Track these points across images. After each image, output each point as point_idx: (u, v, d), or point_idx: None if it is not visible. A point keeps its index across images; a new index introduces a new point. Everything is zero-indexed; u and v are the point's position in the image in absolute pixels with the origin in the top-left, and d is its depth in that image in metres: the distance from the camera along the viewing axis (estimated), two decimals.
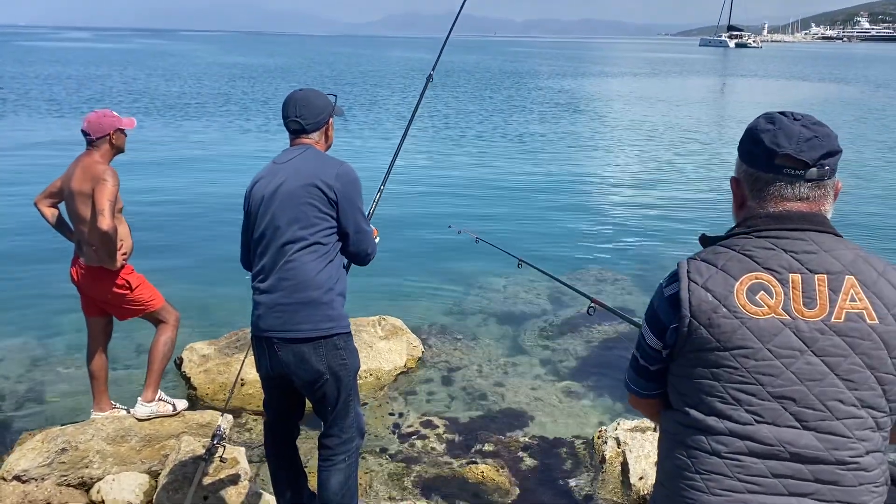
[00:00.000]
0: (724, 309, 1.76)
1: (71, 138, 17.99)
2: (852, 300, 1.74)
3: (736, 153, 1.98)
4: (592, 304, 3.93)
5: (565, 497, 4.69)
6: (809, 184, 1.82)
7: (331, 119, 3.31)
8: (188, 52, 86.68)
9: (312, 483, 3.62)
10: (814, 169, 1.80)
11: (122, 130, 4.57)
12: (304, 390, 3.18)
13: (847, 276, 1.76)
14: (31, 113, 23.48)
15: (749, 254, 1.80)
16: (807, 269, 1.76)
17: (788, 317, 1.74)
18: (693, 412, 1.83)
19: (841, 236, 1.83)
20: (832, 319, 1.73)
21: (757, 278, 1.77)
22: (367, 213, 3.43)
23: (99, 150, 4.49)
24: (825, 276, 1.76)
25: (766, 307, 1.75)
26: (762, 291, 1.76)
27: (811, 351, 1.73)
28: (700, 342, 1.79)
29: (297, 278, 3.03)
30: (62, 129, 20.01)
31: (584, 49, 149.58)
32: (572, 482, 4.83)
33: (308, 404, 3.33)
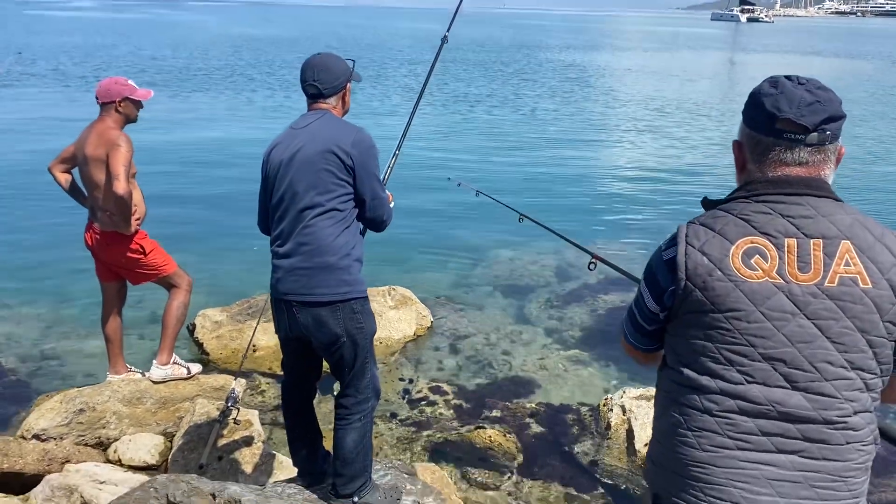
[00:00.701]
0: (719, 272, 1.80)
1: (77, 109, 18.08)
2: (846, 264, 1.76)
3: (737, 125, 1.99)
4: (593, 260, 3.98)
5: (571, 462, 4.78)
6: (809, 148, 1.82)
7: (348, 84, 3.31)
8: (194, 22, 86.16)
9: (326, 444, 3.72)
10: (814, 134, 1.80)
11: (131, 100, 4.57)
12: (322, 352, 3.25)
13: (843, 241, 1.78)
14: (37, 83, 23.46)
15: (746, 218, 1.83)
16: (803, 233, 1.78)
17: (782, 280, 1.77)
18: (687, 371, 1.88)
19: (841, 201, 1.84)
20: (825, 283, 1.76)
21: (753, 242, 1.80)
22: (382, 179, 3.47)
23: (109, 116, 4.52)
24: (821, 240, 1.78)
25: (761, 271, 1.78)
26: (757, 255, 1.79)
27: (803, 314, 1.77)
28: (695, 304, 1.83)
29: (315, 243, 3.07)
30: (68, 99, 20.02)
31: (593, 22, 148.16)
32: (578, 448, 4.92)
33: (325, 366, 3.40)
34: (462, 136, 16.21)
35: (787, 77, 1.86)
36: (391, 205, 3.43)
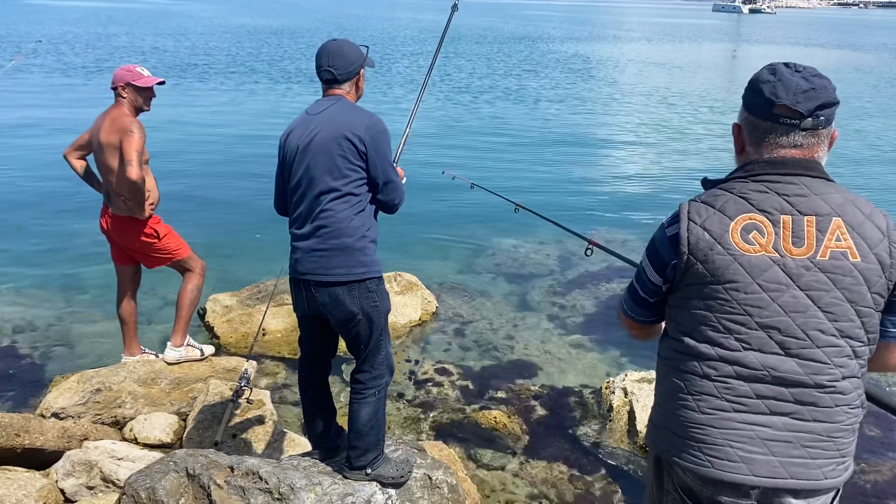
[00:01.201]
0: (720, 246, 1.94)
1: (79, 96, 18.12)
2: (837, 240, 1.91)
3: (735, 114, 2.12)
4: (590, 246, 4.09)
5: (574, 443, 4.91)
6: (804, 132, 1.96)
7: (362, 70, 3.40)
8: (195, 12, 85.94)
9: (340, 421, 3.83)
10: (809, 119, 1.93)
11: (133, 86, 4.62)
12: (338, 329, 3.36)
13: (834, 218, 1.92)
14: (42, 71, 23.52)
15: (745, 196, 1.96)
16: (797, 210, 1.93)
17: (777, 254, 1.91)
18: (688, 340, 2.02)
19: (833, 181, 1.98)
20: (818, 257, 1.91)
21: (751, 219, 1.94)
22: (394, 158, 3.58)
23: (120, 101, 4.62)
24: (814, 217, 1.92)
25: (758, 245, 1.92)
26: (755, 231, 1.93)
27: (797, 285, 1.91)
28: (696, 276, 1.97)
29: (332, 226, 3.18)
30: (71, 87, 20.08)
31: (596, 13, 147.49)
32: (581, 429, 5.05)
33: (342, 344, 3.52)
34: (459, 129, 16.28)
35: (786, 65, 1.99)
36: (403, 180, 3.55)
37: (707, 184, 2.10)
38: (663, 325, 2.22)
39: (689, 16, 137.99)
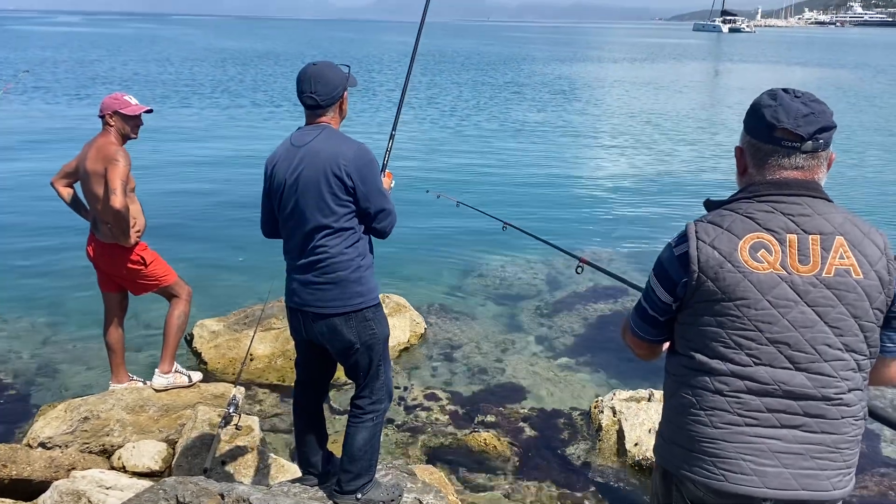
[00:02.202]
0: (729, 264, 2.00)
1: (63, 123, 18.09)
2: (841, 257, 1.98)
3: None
4: (580, 263, 4.11)
5: (564, 464, 4.91)
6: (805, 155, 2.03)
7: (345, 92, 3.31)
8: (179, 36, 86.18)
9: (330, 446, 3.82)
10: (809, 142, 2.01)
11: (121, 115, 4.64)
12: (337, 357, 3.37)
13: (837, 237, 1.99)
14: (25, 98, 23.48)
15: (751, 216, 2.03)
16: (802, 229, 2.00)
17: (785, 272, 1.98)
18: (698, 356, 2.07)
19: (832, 201, 2.06)
20: (823, 274, 1.98)
21: (758, 238, 2.01)
22: (382, 163, 3.60)
23: (108, 130, 4.64)
24: (818, 236, 1.99)
25: (766, 263, 1.99)
26: (763, 249, 2.00)
27: (804, 302, 1.98)
28: (707, 294, 2.03)
29: (327, 261, 3.18)
30: (52, 114, 20.06)
31: (579, 34, 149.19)
32: (570, 450, 5.05)
33: (339, 368, 3.51)
34: (445, 151, 16.39)
35: (785, 90, 2.08)
36: (392, 183, 3.57)
37: (710, 205, 2.17)
38: (667, 343, 2.27)
39: (671, 35, 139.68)
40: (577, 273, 4.20)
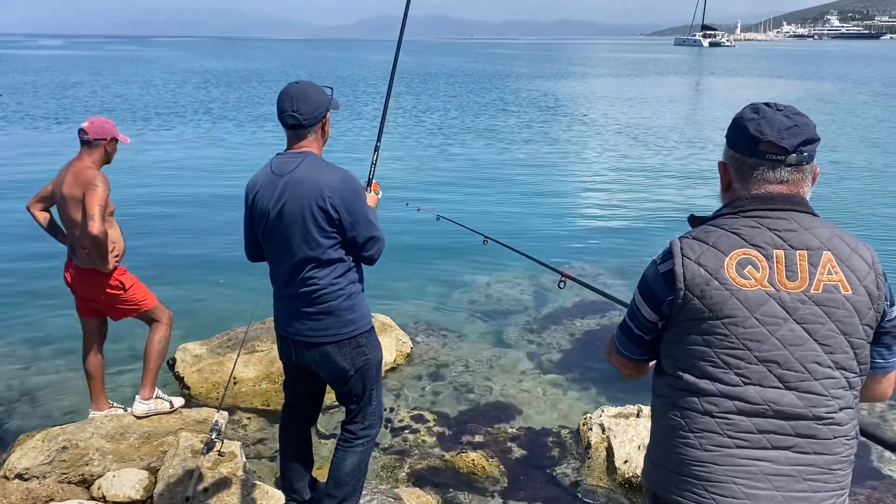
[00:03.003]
0: (716, 281, 1.95)
1: (47, 147, 17.96)
2: (829, 273, 1.94)
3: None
4: (563, 278, 4.07)
5: (553, 483, 4.84)
6: (790, 168, 2.00)
7: (328, 113, 3.22)
8: (162, 58, 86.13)
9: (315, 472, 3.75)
10: (793, 155, 1.98)
11: (116, 141, 4.67)
12: (330, 384, 3.30)
13: (824, 252, 1.95)
14: (4, 122, 23.32)
15: (737, 232, 1.99)
16: (789, 245, 1.95)
17: (773, 288, 1.93)
18: (686, 376, 2.01)
19: (818, 216, 2.02)
20: (811, 290, 1.93)
21: (745, 254, 1.96)
22: (368, 175, 3.54)
23: (91, 154, 4.56)
24: (805, 251, 1.95)
25: (754, 280, 1.94)
26: (749, 266, 1.95)
27: (793, 319, 1.93)
28: (693, 312, 1.98)
29: (318, 293, 3.11)
30: (35, 138, 19.92)
31: (562, 50, 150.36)
32: (560, 469, 4.99)
33: (329, 390, 3.44)
34: (429, 168, 16.41)
35: (766, 104, 2.04)
36: (379, 195, 3.54)
37: (694, 221, 2.12)
38: (653, 362, 2.22)
39: (653, 51, 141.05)
40: (560, 288, 4.15)
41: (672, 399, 2.06)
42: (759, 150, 2.00)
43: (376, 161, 4.03)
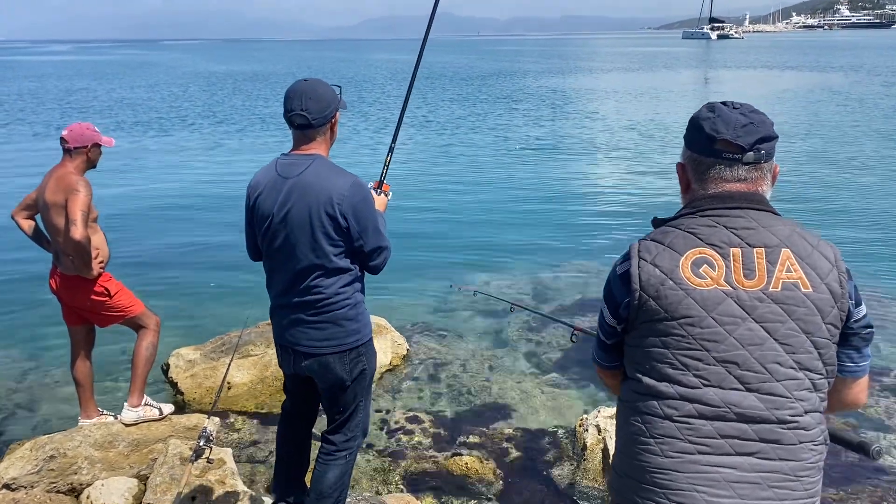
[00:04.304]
0: (671, 282, 1.91)
1: (48, 155, 17.98)
2: (788, 270, 1.89)
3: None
4: (576, 332, 4.04)
5: (549, 485, 4.77)
6: (747, 167, 1.96)
7: (337, 113, 3.09)
8: (169, 62, 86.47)
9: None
10: (750, 153, 1.94)
11: (98, 146, 4.62)
12: (323, 391, 3.24)
13: (783, 249, 1.90)
14: (7, 129, 23.42)
15: (693, 231, 1.95)
16: (746, 243, 1.91)
17: (730, 287, 1.89)
18: (646, 379, 1.97)
19: (779, 214, 1.97)
20: (770, 288, 1.88)
21: (701, 253, 1.92)
22: (381, 176, 3.47)
23: (73, 160, 4.52)
24: (763, 249, 1.90)
25: (710, 279, 1.90)
26: (705, 265, 1.90)
27: (751, 318, 1.87)
28: (650, 313, 1.93)
29: (322, 302, 3.03)
30: (37, 146, 19.99)
31: (570, 46, 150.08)
32: (555, 470, 4.91)
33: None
34: (439, 160, 16.35)
35: (723, 102, 2.02)
36: (389, 196, 3.47)
37: (657, 223, 2.09)
38: None
39: (661, 44, 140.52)
40: (573, 342, 4.11)
41: (633, 404, 2.01)
42: (716, 149, 1.97)
43: (389, 163, 3.89)
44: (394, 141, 3.96)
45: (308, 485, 3.58)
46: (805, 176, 13.96)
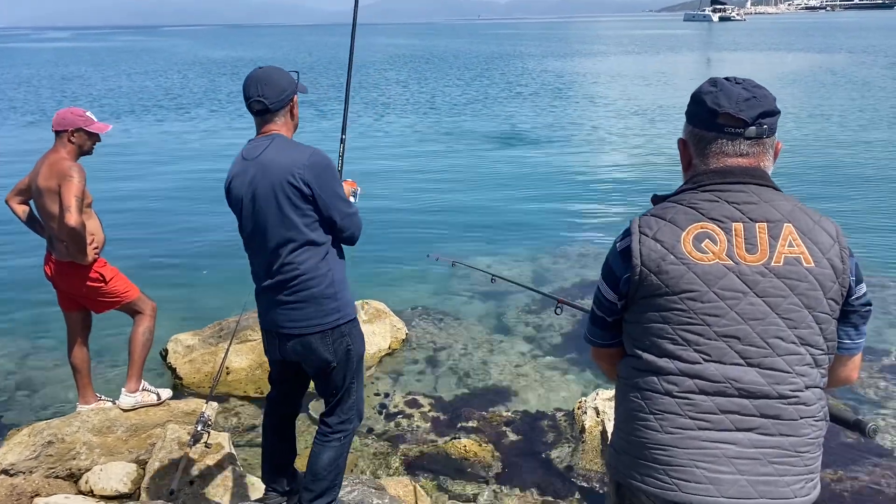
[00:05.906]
0: (672, 256, 1.89)
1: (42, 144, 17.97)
2: (790, 245, 1.87)
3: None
4: (559, 304, 4.00)
5: (548, 468, 4.77)
6: (749, 141, 1.94)
7: (295, 97, 3.17)
8: (170, 47, 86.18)
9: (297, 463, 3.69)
10: (752, 127, 1.92)
11: (85, 131, 4.50)
12: (311, 375, 3.24)
13: (785, 224, 1.88)
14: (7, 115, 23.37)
15: (695, 206, 1.93)
16: (748, 218, 1.89)
17: (732, 262, 1.86)
18: (645, 355, 1.95)
19: (780, 190, 1.95)
20: (772, 263, 1.86)
21: (702, 228, 1.90)
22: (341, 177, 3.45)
23: (63, 146, 4.47)
24: (765, 223, 1.88)
25: (711, 253, 1.88)
26: (707, 239, 1.88)
27: (753, 292, 1.85)
28: (651, 288, 1.91)
29: (298, 279, 3.02)
30: (33, 134, 19.93)
31: (571, 29, 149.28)
32: (554, 453, 4.91)
33: (311, 384, 3.39)
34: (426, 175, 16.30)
35: (726, 78, 1.99)
36: (359, 191, 3.43)
37: (656, 199, 2.07)
38: None
39: (663, 27, 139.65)
40: (556, 314, 4.09)
41: (632, 380, 1.99)
42: (718, 124, 1.94)
43: (343, 153, 3.93)
44: (343, 132, 4.00)
45: (296, 471, 3.58)
46: (807, 155, 13.88)
